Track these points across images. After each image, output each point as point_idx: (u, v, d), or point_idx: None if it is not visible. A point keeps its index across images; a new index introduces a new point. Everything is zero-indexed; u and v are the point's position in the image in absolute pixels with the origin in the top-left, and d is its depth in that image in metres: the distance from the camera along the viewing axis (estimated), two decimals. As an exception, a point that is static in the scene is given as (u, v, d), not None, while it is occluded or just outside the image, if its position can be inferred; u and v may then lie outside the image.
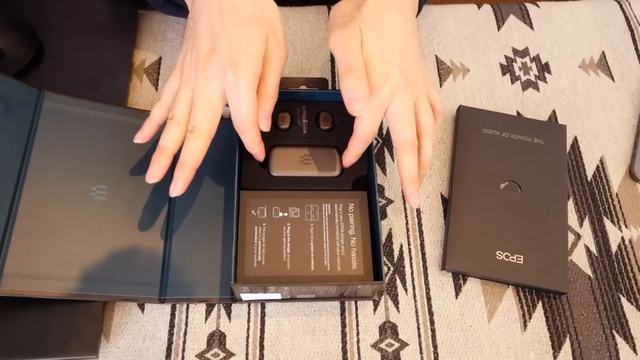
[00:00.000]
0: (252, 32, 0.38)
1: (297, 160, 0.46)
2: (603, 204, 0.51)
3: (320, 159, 0.47)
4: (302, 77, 0.55)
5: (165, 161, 0.40)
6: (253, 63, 0.38)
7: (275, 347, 0.44)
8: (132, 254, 0.44)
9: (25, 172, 0.43)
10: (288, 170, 0.46)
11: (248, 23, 0.38)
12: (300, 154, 0.47)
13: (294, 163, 0.46)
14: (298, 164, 0.46)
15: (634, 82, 0.57)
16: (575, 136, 0.54)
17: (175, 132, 0.40)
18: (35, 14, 0.55)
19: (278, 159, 0.46)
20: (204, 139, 0.40)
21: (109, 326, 0.44)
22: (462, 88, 0.56)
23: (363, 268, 0.42)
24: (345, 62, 0.38)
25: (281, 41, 0.40)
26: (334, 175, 0.46)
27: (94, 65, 0.53)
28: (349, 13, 0.41)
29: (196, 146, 0.40)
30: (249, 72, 0.38)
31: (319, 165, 0.46)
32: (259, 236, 0.43)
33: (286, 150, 0.47)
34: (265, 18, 0.40)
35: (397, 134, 0.41)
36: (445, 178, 0.52)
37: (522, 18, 0.61)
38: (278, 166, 0.46)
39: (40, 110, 0.45)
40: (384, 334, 0.45)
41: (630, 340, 0.45)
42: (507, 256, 0.46)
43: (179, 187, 0.40)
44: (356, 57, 0.38)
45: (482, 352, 0.44)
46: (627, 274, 0.48)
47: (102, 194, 0.45)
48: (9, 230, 0.40)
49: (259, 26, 0.39)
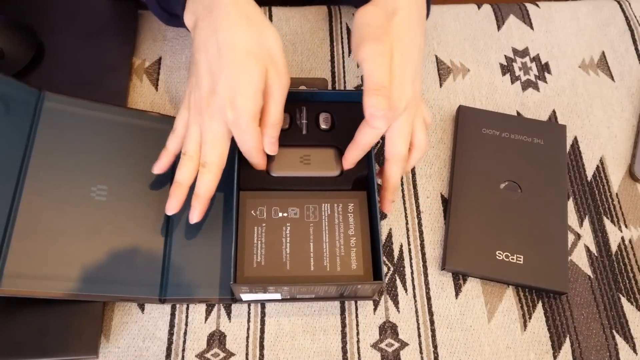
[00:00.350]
0: (249, 70, 0.39)
1: (297, 160, 0.46)
2: (603, 204, 0.51)
3: (320, 159, 0.46)
4: (302, 77, 0.55)
5: (181, 195, 0.43)
6: (251, 102, 0.39)
7: (275, 347, 0.44)
8: (132, 254, 0.44)
9: (25, 172, 0.43)
10: (288, 170, 0.46)
11: (244, 60, 0.39)
12: (300, 154, 0.46)
13: (294, 163, 0.46)
14: (298, 164, 0.46)
15: (634, 82, 0.57)
16: (575, 136, 0.54)
17: (189, 167, 0.43)
18: (35, 14, 0.55)
19: (278, 159, 0.46)
20: (215, 172, 0.42)
21: (109, 326, 0.44)
22: (462, 88, 0.56)
23: (363, 268, 0.42)
24: (375, 78, 0.39)
25: (281, 69, 0.41)
26: (334, 175, 0.46)
27: (94, 65, 0.53)
28: (381, 24, 0.41)
29: (208, 179, 0.42)
30: (248, 111, 0.39)
31: (319, 165, 0.46)
32: (259, 236, 0.43)
33: (286, 151, 0.46)
34: (262, 49, 0.40)
35: (393, 147, 0.44)
36: (445, 178, 0.52)
37: (522, 18, 0.61)
38: (278, 166, 0.46)
39: (40, 111, 0.45)
40: (384, 334, 0.45)
41: (630, 340, 0.45)
42: (507, 256, 0.46)
43: (196, 216, 0.44)
44: (385, 75, 0.39)
45: (482, 352, 0.44)
46: (627, 274, 0.48)
47: (102, 194, 0.45)
48: (9, 231, 0.40)
49: (256, 61, 0.39)
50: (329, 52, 0.57)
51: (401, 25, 0.41)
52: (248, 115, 0.39)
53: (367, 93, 0.39)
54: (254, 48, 0.39)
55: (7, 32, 0.51)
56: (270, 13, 0.59)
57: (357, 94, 0.48)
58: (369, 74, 0.39)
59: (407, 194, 0.51)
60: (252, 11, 0.41)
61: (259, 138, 0.41)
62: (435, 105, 0.55)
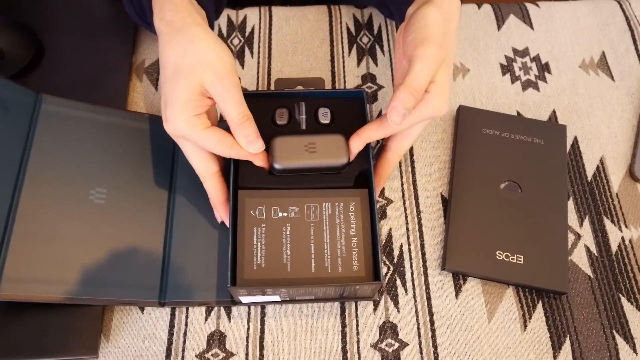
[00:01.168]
0: (176, 84, 0.40)
1: (302, 149, 0.44)
2: (603, 204, 0.51)
3: (326, 146, 0.44)
4: (299, 77, 0.55)
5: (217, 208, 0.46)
6: (179, 113, 0.40)
7: (275, 347, 0.44)
8: (132, 257, 0.44)
9: (23, 175, 0.42)
10: (293, 160, 0.44)
11: (173, 76, 0.40)
12: (304, 142, 0.44)
13: (299, 152, 0.44)
14: (303, 153, 0.44)
15: (634, 82, 0.57)
16: (575, 136, 0.54)
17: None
18: (35, 14, 0.55)
19: (281, 149, 0.44)
20: (208, 180, 0.44)
21: (108, 326, 0.44)
22: (462, 88, 0.56)
23: (364, 269, 0.42)
24: (420, 78, 0.40)
25: (221, 72, 0.40)
26: (342, 163, 0.44)
27: (94, 65, 0.53)
28: (444, 31, 0.41)
29: (209, 187, 0.44)
30: (178, 120, 0.40)
31: (325, 153, 0.44)
32: (258, 238, 0.42)
33: (289, 140, 0.44)
34: (191, 61, 0.40)
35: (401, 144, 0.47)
36: (445, 178, 0.52)
37: (522, 18, 0.61)
38: (281, 157, 0.43)
39: (38, 113, 0.45)
40: (384, 334, 0.45)
41: (630, 340, 0.45)
42: (507, 256, 0.46)
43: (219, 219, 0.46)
44: (427, 82, 0.40)
45: (482, 352, 0.44)
46: (627, 274, 0.48)
47: (101, 197, 0.45)
48: (8, 235, 0.40)
49: (184, 75, 0.40)
50: (329, 52, 0.57)
51: (453, 36, 0.43)
52: (179, 124, 0.40)
53: (404, 88, 0.39)
54: (181, 62, 0.40)
55: (7, 32, 0.51)
56: (270, 13, 0.59)
57: (354, 92, 0.48)
58: (417, 73, 0.40)
59: (407, 194, 0.51)
60: (184, 25, 0.41)
61: (213, 140, 0.41)
62: (435, 105, 0.55)
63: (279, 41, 0.58)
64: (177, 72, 0.40)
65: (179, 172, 0.48)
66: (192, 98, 0.40)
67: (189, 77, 0.40)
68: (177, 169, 0.48)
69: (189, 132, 0.40)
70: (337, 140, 0.44)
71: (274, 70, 0.56)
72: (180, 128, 0.40)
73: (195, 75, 0.39)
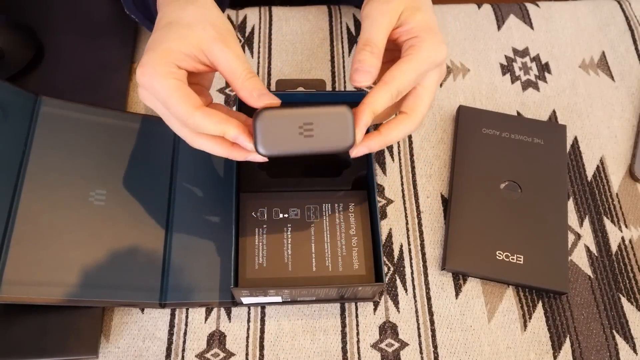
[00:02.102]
0: (168, 32, 0.36)
1: (295, 131, 0.35)
2: (603, 204, 0.51)
3: (326, 123, 0.35)
4: (300, 78, 0.55)
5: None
6: (159, 54, 0.35)
7: (275, 347, 0.44)
8: (132, 259, 0.44)
9: (23, 177, 0.42)
10: (283, 146, 0.35)
11: (164, 26, 0.36)
12: (298, 122, 0.35)
13: (290, 135, 0.35)
14: (296, 136, 0.35)
15: (634, 82, 0.57)
16: (575, 136, 0.54)
17: None
18: (35, 14, 0.55)
19: (268, 128, 0.34)
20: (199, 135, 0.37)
21: (108, 326, 0.44)
22: (462, 88, 0.56)
23: (365, 268, 0.42)
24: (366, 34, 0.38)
25: (222, 29, 0.36)
26: (346, 146, 0.35)
27: (94, 65, 0.53)
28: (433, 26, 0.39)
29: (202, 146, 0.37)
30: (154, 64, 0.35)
31: (325, 134, 0.35)
32: (260, 238, 0.43)
33: (279, 115, 0.34)
34: (188, 19, 0.36)
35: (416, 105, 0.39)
36: (445, 178, 0.52)
37: (522, 18, 0.61)
38: (267, 140, 0.34)
39: (37, 115, 0.45)
40: (384, 334, 0.45)
41: (630, 340, 0.45)
42: (507, 256, 0.46)
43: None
44: (380, 34, 0.38)
45: (482, 352, 0.44)
46: (627, 274, 0.48)
47: (101, 198, 0.45)
48: (8, 237, 0.40)
49: (178, 28, 0.36)
50: (329, 52, 0.57)
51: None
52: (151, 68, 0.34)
53: (359, 49, 0.37)
54: (179, 17, 0.36)
55: (7, 32, 0.51)
56: (270, 13, 0.59)
57: (357, 95, 0.48)
58: (368, 28, 0.38)
59: (407, 194, 0.51)
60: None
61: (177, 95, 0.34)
62: (436, 105, 0.55)
63: (279, 41, 0.58)
64: (172, 24, 0.36)
65: (179, 173, 0.48)
66: (182, 50, 0.35)
67: (184, 32, 0.35)
68: (177, 169, 0.48)
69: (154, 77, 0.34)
70: (340, 114, 0.35)
71: (274, 70, 0.56)
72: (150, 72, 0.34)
73: (193, 32, 0.35)
